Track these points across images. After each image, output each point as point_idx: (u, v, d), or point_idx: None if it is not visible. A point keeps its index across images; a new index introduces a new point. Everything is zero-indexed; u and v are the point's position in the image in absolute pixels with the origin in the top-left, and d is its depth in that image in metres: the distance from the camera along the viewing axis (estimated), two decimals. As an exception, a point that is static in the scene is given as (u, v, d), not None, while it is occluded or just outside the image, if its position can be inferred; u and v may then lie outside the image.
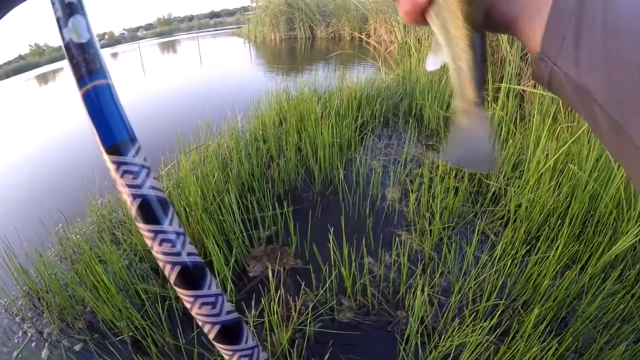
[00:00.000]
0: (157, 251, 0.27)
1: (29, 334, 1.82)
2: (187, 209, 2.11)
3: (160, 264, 0.28)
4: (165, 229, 0.27)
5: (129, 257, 2.08)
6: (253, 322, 1.64)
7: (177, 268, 0.28)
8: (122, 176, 0.27)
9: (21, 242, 2.24)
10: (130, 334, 1.68)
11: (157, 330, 1.66)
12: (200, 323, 0.29)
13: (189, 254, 0.28)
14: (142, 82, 9.48)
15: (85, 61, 0.26)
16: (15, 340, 1.80)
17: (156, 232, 0.27)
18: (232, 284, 1.83)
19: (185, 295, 0.28)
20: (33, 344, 1.77)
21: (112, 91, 0.27)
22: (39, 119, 7.10)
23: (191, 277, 0.28)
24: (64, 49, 0.26)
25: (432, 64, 0.38)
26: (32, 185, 3.73)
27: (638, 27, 0.23)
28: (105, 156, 0.27)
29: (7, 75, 23.84)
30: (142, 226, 0.27)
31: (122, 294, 1.79)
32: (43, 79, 16.25)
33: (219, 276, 1.81)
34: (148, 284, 1.90)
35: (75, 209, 2.61)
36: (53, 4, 0.27)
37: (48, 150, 4.91)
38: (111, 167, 0.27)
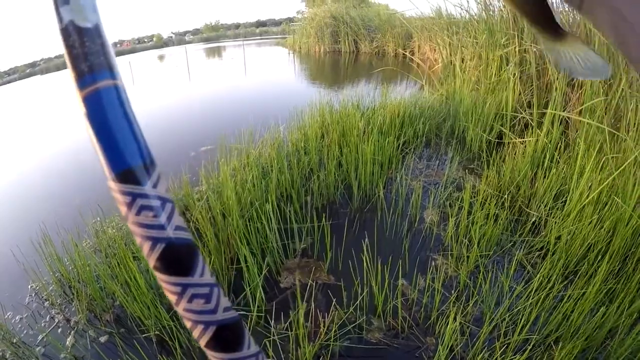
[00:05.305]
0: (185, 309, 0.22)
1: (56, 320, 1.87)
2: (225, 214, 2.13)
3: (189, 324, 0.22)
4: (197, 281, 0.21)
5: (163, 256, 2.11)
6: (279, 333, 1.63)
7: (213, 329, 0.22)
8: (138, 213, 0.21)
9: (58, 230, 2.32)
10: (157, 332, 1.70)
11: (184, 332, 1.67)
12: None
13: (225, 310, 0.22)
14: (187, 85, 9.74)
15: (88, 53, 0.19)
16: (42, 324, 1.86)
17: (185, 286, 0.21)
18: (262, 293, 1.82)
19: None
20: (59, 330, 1.82)
21: (122, 96, 0.20)
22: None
23: (229, 338, 0.23)
24: (60, 34, 0.19)
25: None
26: (76, 175, 3.86)
27: None
28: (114, 184, 0.20)
29: (58, 68, 24.98)
30: (165, 278, 0.21)
31: (153, 292, 1.81)
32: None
33: (250, 285, 1.81)
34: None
35: (114, 204, 2.67)
36: None
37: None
38: (122, 199, 0.21)
